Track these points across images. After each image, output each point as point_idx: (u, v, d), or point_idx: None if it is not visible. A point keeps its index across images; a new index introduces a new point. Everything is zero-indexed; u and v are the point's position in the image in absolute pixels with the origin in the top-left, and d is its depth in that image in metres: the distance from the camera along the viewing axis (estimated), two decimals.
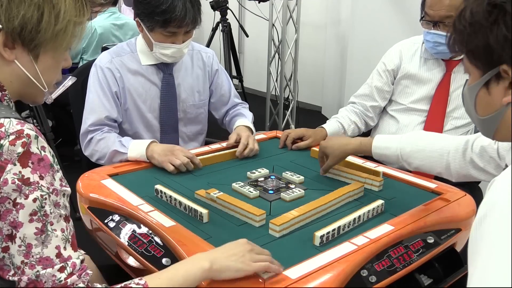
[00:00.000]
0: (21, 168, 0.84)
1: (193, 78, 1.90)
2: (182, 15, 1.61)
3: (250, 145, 1.71)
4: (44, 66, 0.96)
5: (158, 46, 1.70)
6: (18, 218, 0.83)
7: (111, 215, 1.30)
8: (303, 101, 5.05)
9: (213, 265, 0.96)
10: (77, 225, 1.54)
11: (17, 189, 0.83)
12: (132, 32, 3.46)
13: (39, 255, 0.84)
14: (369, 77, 2.05)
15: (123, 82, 1.78)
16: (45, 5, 0.90)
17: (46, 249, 0.85)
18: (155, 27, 1.66)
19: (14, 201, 0.83)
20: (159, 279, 0.93)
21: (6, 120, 0.85)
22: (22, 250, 0.84)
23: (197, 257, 0.99)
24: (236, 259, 0.98)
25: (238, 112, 1.98)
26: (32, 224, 0.84)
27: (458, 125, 1.89)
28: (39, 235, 0.84)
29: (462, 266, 1.26)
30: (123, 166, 1.58)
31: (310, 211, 1.25)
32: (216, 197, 1.31)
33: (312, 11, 4.89)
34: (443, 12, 1.73)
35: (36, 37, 0.91)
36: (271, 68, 4.30)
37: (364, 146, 1.46)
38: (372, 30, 3.49)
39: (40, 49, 0.93)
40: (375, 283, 1.06)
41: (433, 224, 1.25)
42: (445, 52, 1.79)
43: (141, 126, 1.83)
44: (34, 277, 0.83)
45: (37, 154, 0.85)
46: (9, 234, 0.84)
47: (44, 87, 0.97)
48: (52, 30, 0.91)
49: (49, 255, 0.85)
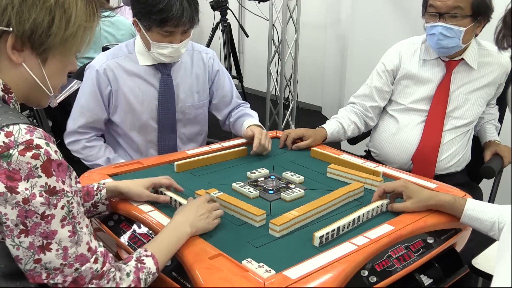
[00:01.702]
0: (46, 179, 0.84)
1: (193, 79, 1.89)
2: (179, 14, 1.61)
3: (262, 141, 1.71)
4: (52, 70, 0.95)
5: (155, 46, 1.70)
6: (50, 227, 0.86)
7: (111, 215, 1.30)
8: (303, 101, 5.05)
9: (192, 228, 1.12)
10: None
11: (45, 202, 0.84)
12: (125, 28, 3.46)
13: (74, 254, 0.89)
14: (368, 78, 2.05)
15: (118, 83, 1.78)
16: (57, 9, 0.89)
17: (80, 247, 0.90)
18: (152, 26, 1.65)
19: (42, 214, 0.85)
20: (160, 250, 1.04)
21: (15, 128, 0.84)
22: (60, 254, 0.87)
23: (179, 222, 1.12)
24: (204, 219, 1.16)
25: (243, 113, 1.98)
26: (64, 229, 0.88)
27: (458, 125, 1.89)
28: (73, 237, 0.89)
29: (462, 266, 1.26)
30: (123, 166, 1.57)
31: (310, 211, 1.25)
32: (216, 197, 1.31)
33: (312, 11, 4.89)
34: (451, 2, 1.71)
35: (45, 41, 0.90)
36: (271, 68, 4.30)
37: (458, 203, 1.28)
38: (372, 30, 3.49)
39: (49, 53, 0.92)
40: (375, 283, 1.06)
41: (433, 224, 1.25)
42: (449, 47, 1.78)
43: (134, 127, 1.83)
44: (76, 274, 0.89)
45: (56, 160, 0.86)
46: (41, 245, 0.86)
47: (50, 91, 0.96)
48: (62, 35, 0.90)
49: (83, 251, 0.90)
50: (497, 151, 1.91)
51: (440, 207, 1.29)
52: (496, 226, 1.22)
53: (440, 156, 1.88)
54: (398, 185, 1.33)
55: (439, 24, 1.75)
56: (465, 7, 1.71)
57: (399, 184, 1.33)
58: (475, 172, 1.94)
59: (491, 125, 2.02)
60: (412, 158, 1.91)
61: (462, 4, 1.71)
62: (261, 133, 1.73)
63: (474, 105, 1.88)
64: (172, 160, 1.63)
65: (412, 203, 1.29)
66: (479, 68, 1.86)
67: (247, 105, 2.06)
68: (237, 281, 0.98)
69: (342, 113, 2.05)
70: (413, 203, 1.29)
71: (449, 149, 1.89)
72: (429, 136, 1.89)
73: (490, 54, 1.87)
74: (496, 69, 1.87)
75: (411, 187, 1.32)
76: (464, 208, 1.26)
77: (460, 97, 1.87)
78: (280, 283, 0.97)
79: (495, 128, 2.04)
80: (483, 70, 1.87)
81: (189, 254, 1.05)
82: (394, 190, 1.34)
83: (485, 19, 1.76)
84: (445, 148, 1.88)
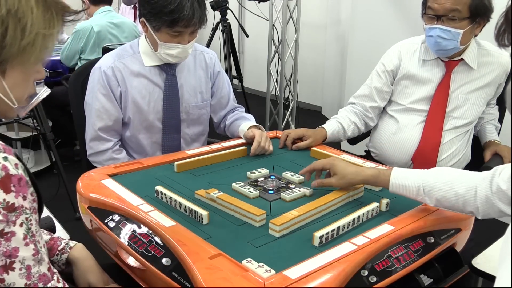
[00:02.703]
0: (5, 195, 0.81)
1: (196, 79, 1.90)
2: (190, 14, 1.61)
3: (262, 143, 1.71)
4: (13, 82, 0.89)
5: (163, 46, 1.70)
6: (11, 246, 0.83)
7: (111, 215, 1.30)
8: (303, 101, 5.05)
9: None
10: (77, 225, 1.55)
11: (3, 219, 0.81)
12: (128, 30, 3.47)
13: (38, 273, 0.86)
14: (368, 78, 2.05)
15: (126, 84, 1.77)
16: (10, 19, 0.83)
17: (42, 266, 0.88)
18: (161, 27, 1.65)
19: (1, 232, 0.82)
20: None
21: None
22: (23, 273, 0.85)
23: None
24: None
25: (239, 116, 1.98)
26: (28, 247, 0.85)
27: (458, 125, 1.89)
28: (36, 255, 0.86)
29: (462, 266, 1.26)
30: (123, 166, 1.57)
31: (310, 211, 1.25)
32: (216, 197, 1.31)
33: (312, 11, 4.90)
34: (448, 5, 1.71)
35: (1, 53, 0.84)
36: (271, 68, 4.30)
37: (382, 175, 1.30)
38: (372, 30, 3.49)
39: (6, 64, 0.86)
40: (375, 283, 1.06)
41: (433, 224, 1.25)
42: (447, 49, 1.79)
43: (141, 128, 1.83)
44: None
45: (16, 174, 0.83)
46: (3, 265, 0.83)
47: (14, 103, 0.91)
48: (18, 45, 0.85)
49: (45, 271, 0.88)
50: (497, 151, 1.91)
51: (367, 182, 1.33)
52: (421, 189, 1.23)
53: (440, 156, 1.88)
54: (325, 162, 1.37)
55: (437, 26, 1.75)
56: (463, 10, 1.71)
57: (326, 161, 1.37)
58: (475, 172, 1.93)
59: (491, 125, 2.03)
60: (412, 158, 1.91)
61: (459, 6, 1.71)
62: (261, 136, 1.74)
63: (474, 105, 1.88)
64: (172, 160, 1.63)
65: (337, 179, 1.33)
66: (478, 68, 1.86)
67: (243, 109, 2.07)
68: (237, 281, 0.98)
69: (342, 113, 2.05)
70: (338, 179, 1.33)
71: (449, 149, 1.89)
72: (429, 136, 1.89)
73: (490, 54, 1.87)
74: (496, 69, 1.87)
75: (338, 163, 1.35)
76: (390, 177, 1.27)
77: (460, 97, 1.88)
78: (280, 283, 0.97)
79: (495, 128, 2.04)
80: (483, 70, 1.87)
81: (189, 254, 1.05)
82: (323, 168, 1.38)
83: (485, 20, 1.75)
84: (445, 148, 1.88)
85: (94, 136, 1.78)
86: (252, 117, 1.99)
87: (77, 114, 1.90)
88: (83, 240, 1.26)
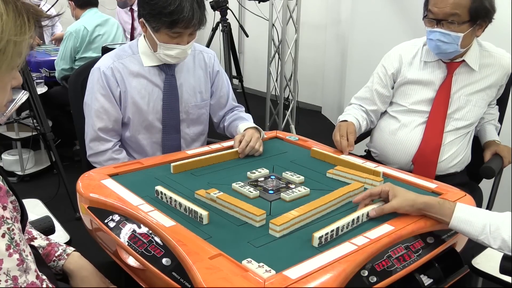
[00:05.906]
0: None
1: (195, 79, 1.90)
2: (190, 16, 1.61)
3: (251, 143, 1.71)
4: None
5: (162, 47, 1.70)
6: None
7: (111, 215, 1.30)
8: (303, 101, 5.06)
9: None
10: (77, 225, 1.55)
11: None
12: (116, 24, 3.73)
13: (25, 283, 0.85)
14: (369, 80, 2.04)
15: (125, 85, 1.77)
16: None
17: (29, 275, 0.86)
18: (161, 27, 1.65)
19: None
20: None
21: None
22: (9, 285, 0.83)
23: None
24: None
25: (238, 116, 1.98)
26: (12, 258, 0.83)
27: (459, 126, 1.89)
28: (21, 265, 0.85)
29: (462, 266, 1.26)
30: (123, 166, 1.57)
31: (310, 211, 1.25)
32: (216, 197, 1.31)
33: (312, 11, 4.90)
34: (447, 10, 1.71)
35: None
36: (271, 68, 4.31)
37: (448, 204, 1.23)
38: (372, 30, 3.49)
39: None
40: (375, 283, 1.06)
41: (433, 224, 1.25)
42: (448, 52, 1.78)
43: (140, 128, 1.83)
44: None
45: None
46: None
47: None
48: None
49: (33, 279, 0.87)
50: (497, 151, 1.91)
51: (429, 208, 1.23)
52: (487, 228, 1.16)
53: (440, 157, 1.88)
54: (383, 187, 1.29)
55: (437, 30, 1.75)
56: (462, 14, 1.70)
57: (383, 186, 1.30)
58: (475, 172, 1.94)
59: (491, 125, 2.02)
60: (413, 159, 1.91)
61: (459, 11, 1.70)
62: (251, 136, 1.74)
63: (475, 106, 1.88)
64: (172, 160, 1.62)
65: (398, 201, 1.25)
66: (480, 69, 1.86)
67: (242, 109, 2.07)
68: (237, 281, 0.98)
69: (352, 111, 2.02)
70: (401, 201, 1.25)
71: (449, 150, 1.89)
72: (430, 137, 1.88)
73: (492, 55, 1.87)
74: (498, 71, 1.87)
75: (396, 186, 1.28)
76: (454, 210, 1.20)
77: (461, 99, 1.87)
78: (280, 283, 0.97)
79: (495, 128, 2.04)
80: (484, 72, 1.87)
81: (189, 254, 1.05)
82: (381, 192, 1.30)
83: (486, 22, 1.75)
84: (446, 149, 1.88)
85: (94, 137, 1.78)
86: (250, 117, 1.99)
87: (77, 114, 1.90)
88: (83, 240, 1.26)
